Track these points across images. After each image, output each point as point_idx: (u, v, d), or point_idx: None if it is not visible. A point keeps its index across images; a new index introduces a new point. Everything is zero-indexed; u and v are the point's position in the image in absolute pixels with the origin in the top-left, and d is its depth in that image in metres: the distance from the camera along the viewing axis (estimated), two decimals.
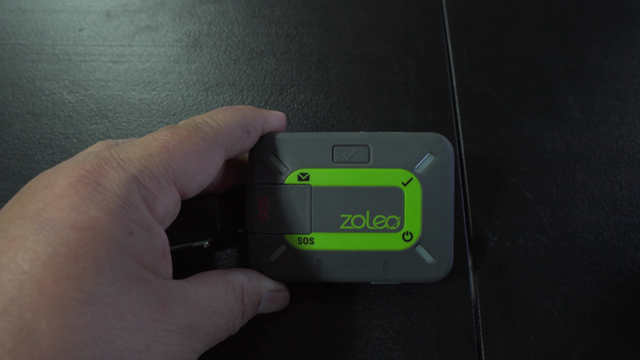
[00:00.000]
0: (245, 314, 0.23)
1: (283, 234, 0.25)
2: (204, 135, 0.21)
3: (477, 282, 0.28)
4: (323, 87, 0.33)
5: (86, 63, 0.34)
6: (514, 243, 0.29)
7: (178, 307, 0.19)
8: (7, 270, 0.16)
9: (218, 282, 0.22)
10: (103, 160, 0.19)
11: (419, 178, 0.24)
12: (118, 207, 0.18)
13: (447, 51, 0.34)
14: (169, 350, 0.18)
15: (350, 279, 0.25)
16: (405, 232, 0.24)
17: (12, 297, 0.15)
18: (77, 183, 0.18)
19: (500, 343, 0.27)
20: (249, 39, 0.35)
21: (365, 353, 0.26)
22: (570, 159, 0.31)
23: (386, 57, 0.34)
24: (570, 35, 0.34)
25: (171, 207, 0.20)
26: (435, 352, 0.26)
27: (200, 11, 0.36)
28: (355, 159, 0.25)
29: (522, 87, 0.33)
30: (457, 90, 0.33)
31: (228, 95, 0.33)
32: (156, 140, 0.20)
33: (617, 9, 0.35)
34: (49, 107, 0.33)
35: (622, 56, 0.34)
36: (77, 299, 0.16)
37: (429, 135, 0.25)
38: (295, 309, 0.27)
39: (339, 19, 0.35)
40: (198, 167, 0.21)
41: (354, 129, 0.32)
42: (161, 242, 0.19)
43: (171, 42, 0.35)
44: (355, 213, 0.24)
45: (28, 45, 0.35)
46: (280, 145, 0.25)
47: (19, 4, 0.36)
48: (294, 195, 0.25)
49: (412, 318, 0.27)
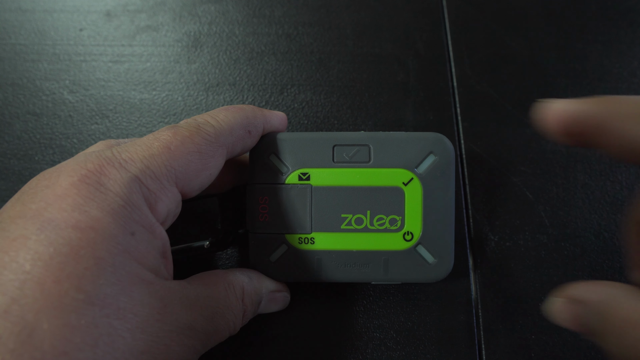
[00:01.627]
0: (246, 314, 0.23)
1: (284, 234, 0.25)
2: (205, 136, 0.21)
3: (478, 282, 0.28)
4: (323, 87, 0.33)
5: (86, 63, 0.34)
6: (515, 243, 0.29)
7: (179, 308, 0.19)
8: (8, 270, 0.16)
9: (219, 282, 0.22)
10: (105, 160, 0.19)
11: (419, 178, 0.24)
12: (120, 207, 0.18)
13: (448, 51, 0.34)
14: (170, 351, 0.18)
15: (350, 279, 0.25)
16: (406, 232, 0.24)
17: (14, 296, 0.15)
18: (78, 183, 0.18)
19: (500, 343, 0.27)
20: (250, 38, 0.35)
21: (366, 353, 0.26)
22: (571, 159, 0.31)
23: (387, 57, 0.34)
24: (570, 35, 0.34)
25: (172, 208, 0.20)
26: (436, 352, 0.26)
27: (201, 11, 0.36)
28: (355, 159, 0.25)
29: (523, 87, 0.33)
30: (458, 90, 0.33)
31: (228, 95, 0.33)
32: (158, 140, 0.20)
33: (617, 9, 0.35)
34: (49, 107, 0.33)
35: (622, 56, 0.34)
36: (79, 299, 0.16)
37: (429, 135, 0.25)
38: (295, 309, 0.27)
39: (339, 19, 0.35)
40: (200, 167, 0.21)
41: (355, 128, 0.32)
42: (162, 243, 0.19)
43: (171, 42, 0.35)
44: (356, 213, 0.24)
45: (28, 45, 0.34)
46: (281, 145, 0.25)
47: (19, 4, 0.36)
48: (295, 195, 0.25)
49: (412, 318, 0.27)
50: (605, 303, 0.19)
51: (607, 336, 0.18)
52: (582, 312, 0.20)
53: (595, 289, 0.20)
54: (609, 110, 0.18)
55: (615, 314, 0.18)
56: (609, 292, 0.19)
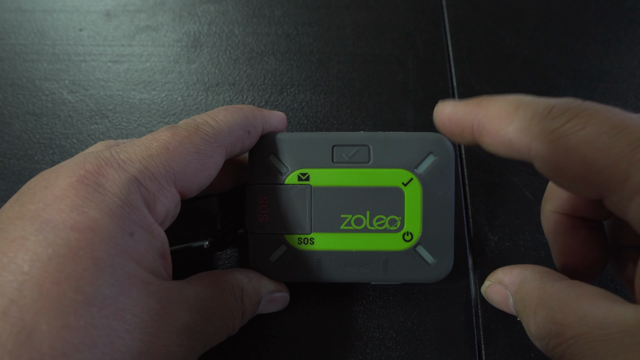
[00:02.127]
0: (245, 315, 0.23)
1: (283, 234, 0.25)
2: (204, 136, 0.21)
3: (478, 282, 0.28)
4: (323, 87, 0.33)
5: (86, 63, 0.34)
6: (515, 243, 0.29)
7: (178, 308, 0.19)
8: (7, 271, 0.16)
9: (218, 282, 0.22)
10: (103, 160, 0.19)
11: (419, 178, 0.24)
12: (118, 208, 0.18)
13: (448, 51, 0.34)
14: (169, 351, 0.18)
15: (350, 279, 0.25)
16: (405, 232, 0.24)
17: (13, 298, 0.15)
18: (77, 183, 0.18)
19: (500, 343, 0.27)
20: (249, 38, 0.35)
21: (366, 353, 0.26)
22: None
23: (386, 57, 0.34)
24: (570, 35, 0.34)
25: (171, 208, 0.20)
26: (436, 352, 0.26)
27: (200, 11, 0.36)
28: (355, 159, 0.25)
29: (522, 87, 0.33)
30: (458, 90, 0.33)
31: (228, 95, 0.33)
32: (157, 141, 0.20)
33: (617, 9, 0.35)
34: (49, 107, 0.33)
35: (622, 56, 0.34)
36: (78, 300, 0.16)
37: (429, 135, 0.25)
38: (295, 309, 0.27)
39: (339, 19, 0.35)
40: (198, 167, 0.21)
41: (354, 128, 0.32)
42: (161, 243, 0.19)
43: (171, 42, 0.35)
44: (356, 213, 0.24)
45: (28, 45, 0.34)
46: (280, 145, 0.25)
47: (19, 4, 0.36)
48: (294, 195, 0.25)
49: (412, 318, 0.27)
50: (519, 285, 0.20)
51: (522, 316, 0.19)
52: (505, 294, 0.21)
53: (512, 271, 0.22)
54: (482, 112, 0.19)
55: (527, 295, 0.19)
56: (523, 274, 0.21)
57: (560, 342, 0.16)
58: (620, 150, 0.15)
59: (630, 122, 0.16)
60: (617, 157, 0.15)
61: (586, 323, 0.16)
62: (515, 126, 0.18)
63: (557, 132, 0.17)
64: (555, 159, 0.17)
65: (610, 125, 0.16)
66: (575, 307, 0.17)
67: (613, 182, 0.15)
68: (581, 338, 0.16)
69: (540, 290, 0.19)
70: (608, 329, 0.15)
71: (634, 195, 0.15)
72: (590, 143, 0.16)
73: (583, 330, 0.16)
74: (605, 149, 0.15)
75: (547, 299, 0.18)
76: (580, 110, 0.17)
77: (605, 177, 0.16)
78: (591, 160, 0.16)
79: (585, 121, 0.16)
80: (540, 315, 0.18)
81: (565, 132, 0.16)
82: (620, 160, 0.15)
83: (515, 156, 0.19)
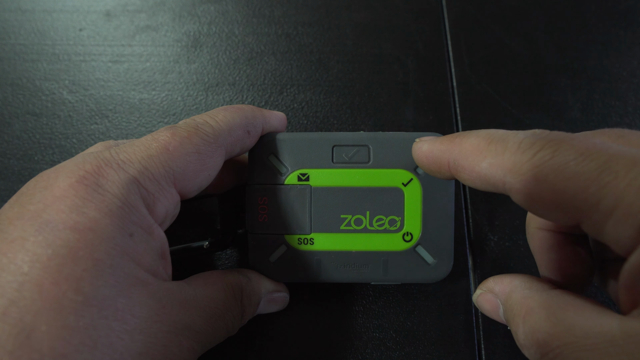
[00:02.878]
0: (245, 315, 0.23)
1: (283, 234, 0.25)
2: (204, 136, 0.21)
3: (478, 282, 0.28)
4: (323, 87, 0.33)
5: (86, 63, 0.34)
6: (515, 243, 0.29)
7: (177, 309, 0.19)
8: (6, 272, 0.16)
9: (217, 283, 0.22)
10: (103, 161, 0.19)
11: (419, 178, 0.24)
12: (118, 208, 0.18)
13: (447, 51, 0.34)
14: (168, 352, 0.18)
15: (350, 280, 0.25)
16: (405, 232, 0.24)
17: (12, 298, 0.15)
18: (76, 184, 0.18)
19: (500, 343, 0.27)
20: (249, 38, 0.35)
21: (366, 353, 0.26)
22: None
23: (386, 57, 0.34)
24: (570, 35, 0.34)
25: (171, 209, 0.20)
26: (436, 352, 0.26)
27: (200, 11, 0.36)
28: (355, 159, 0.25)
29: (522, 87, 0.33)
30: (457, 90, 0.33)
31: (228, 95, 0.33)
32: (156, 141, 0.20)
33: (617, 9, 0.35)
34: (48, 107, 0.33)
35: (622, 56, 0.34)
36: (77, 301, 0.16)
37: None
38: (295, 309, 0.27)
39: (339, 19, 0.35)
40: (198, 168, 0.21)
41: (354, 129, 0.32)
42: (161, 244, 0.19)
43: (171, 42, 0.35)
44: (355, 213, 0.24)
45: (28, 45, 0.34)
46: (280, 146, 0.25)
47: (19, 4, 0.36)
48: (294, 195, 0.25)
49: (412, 318, 0.27)
50: (509, 294, 0.20)
51: (511, 325, 0.20)
52: (495, 303, 0.22)
53: (502, 280, 0.22)
54: (456, 149, 0.20)
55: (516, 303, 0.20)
56: (513, 283, 0.21)
57: (547, 352, 0.17)
58: (588, 176, 0.16)
59: (595, 148, 0.16)
60: (585, 183, 0.16)
61: (573, 333, 0.16)
62: (489, 162, 0.19)
63: (528, 164, 0.17)
64: (528, 191, 0.17)
65: (576, 153, 0.16)
66: (562, 316, 0.17)
67: (585, 208, 0.16)
68: (567, 347, 0.16)
69: (528, 299, 0.19)
70: (594, 339, 0.15)
71: (607, 218, 0.15)
72: (559, 172, 0.16)
73: (569, 339, 0.16)
74: (573, 176, 0.16)
75: (535, 308, 0.18)
76: (547, 141, 0.17)
77: (578, 204, 0.16)
78: (562, 188, 0.16)
79: (552, 151, 0.17)
80: (528, 324, 0.18)
81: (534, 164, 0.17)
82: (590, 185, 0.15)
83: (492, 189, 0.19)
